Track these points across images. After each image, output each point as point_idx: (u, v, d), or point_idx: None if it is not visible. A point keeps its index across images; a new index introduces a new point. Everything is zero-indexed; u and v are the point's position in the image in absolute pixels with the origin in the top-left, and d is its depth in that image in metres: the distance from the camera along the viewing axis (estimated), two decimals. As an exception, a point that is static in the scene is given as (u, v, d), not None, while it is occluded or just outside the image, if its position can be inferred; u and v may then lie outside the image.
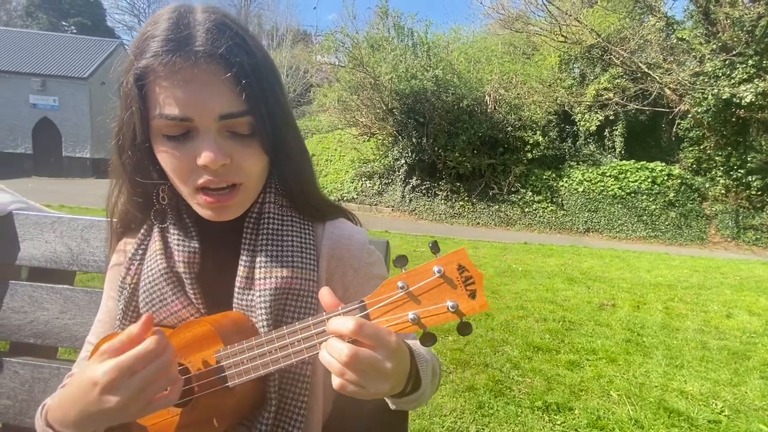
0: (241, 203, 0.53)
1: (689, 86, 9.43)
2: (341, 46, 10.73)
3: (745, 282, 5.18)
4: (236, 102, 0.46)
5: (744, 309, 3.89)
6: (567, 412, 1.94)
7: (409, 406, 0.53)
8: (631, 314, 3.52)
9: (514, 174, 10.50)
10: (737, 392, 2.27)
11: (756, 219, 9.75)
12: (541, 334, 2.90)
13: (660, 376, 2.39)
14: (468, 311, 0.42)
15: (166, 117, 0.45)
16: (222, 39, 0.44)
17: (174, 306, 0.55)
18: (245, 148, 0.49)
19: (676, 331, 3.16)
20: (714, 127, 9.78)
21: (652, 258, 6.74)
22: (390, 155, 11.19)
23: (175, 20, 0.45)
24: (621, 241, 9.58)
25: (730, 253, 8.83)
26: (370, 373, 0.40)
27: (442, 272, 0.42)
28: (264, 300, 0.52)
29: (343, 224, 0.63)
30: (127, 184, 0.55)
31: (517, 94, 10.60)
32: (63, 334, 0.88)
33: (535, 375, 2.27)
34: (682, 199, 10.12)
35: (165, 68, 0.43)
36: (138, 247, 0.59)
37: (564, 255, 6.47)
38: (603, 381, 2.27)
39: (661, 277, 5.18)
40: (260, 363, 0.46)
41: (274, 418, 0.52)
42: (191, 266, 0.55)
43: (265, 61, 0.49)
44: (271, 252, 0.54)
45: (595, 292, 4.19)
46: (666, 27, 9.85)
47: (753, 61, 8.89)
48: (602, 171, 10.58)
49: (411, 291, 0.42)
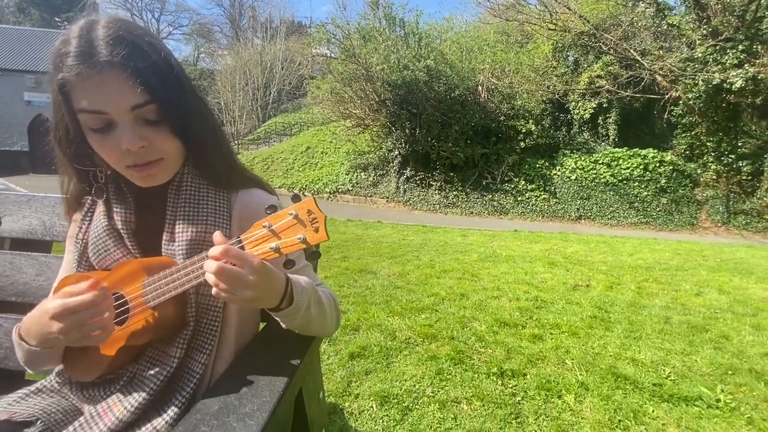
0: (163, 172, 0.68)
1: (680, 72, 9.46)
2: (333, 38, 10.78)
3: (724, 264, 5.32)
4: (140, 95, 0.60)
5: (715, 288, 4.03)
6: (520, 378, 2.09)
7: (290, 320, 0.68)
8: (603, 294, 3.67)
9: (507, 163, 10.60)
10: (687, 360, 2.42)
11: (746, 204, 9.84)
12: (510, 311, 3.06)
13: (616, 347, 2.55)
14: (313, 241, 0.57)
15: (86, 111, 0.60)
16: (118, 48, 0.58)
17: (116, 255, 0.70)
18: (158, 132, 0.64)
19: (642, 308, 3.31)
20: (705, 113, 9.83)
21: (638, 243, 6.87)
22: (384, 146, 11.31)
23: (80, 37, 0.58)
24: (613, 228, 9.70)
25: (720, 238, 8.95)
26: (236, 283, 0.55)
27: (295, 215, 0.58)
28: (181, 248, 0.68)
29: (254, 192, 0.78)
30: (69, 171, 0.70)
31: (509, 82, 10.65)
32: (39, 293, 1.03)
33: (497, 347, 2.43)
34: (674, 185, 10.21)
35: (78, 77, 0.58)
36: (87, 212, 0.74)
37: (551, 241, 6.61)
38: (560, 351, 2.43)
39: (641, 260, 5.32)
40: (171, 286, 0.62)
41: (191, 337, 0.68)
42: (128, 224, 0.71)
43: (161, 60, 0.63)
44: (188, 212, 0.70)
45: (572, 274, 4.34)
46: (657, 13, 9.84)
47: (743, 46, 8.90)
48: (595, 159, 10.66)
49: (273, 229, 0.58)
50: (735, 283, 4.27)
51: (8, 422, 0.63)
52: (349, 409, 1.75)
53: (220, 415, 0.59)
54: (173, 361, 0.66)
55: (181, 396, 0.66)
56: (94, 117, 0.61)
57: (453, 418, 1.73)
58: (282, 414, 0.68)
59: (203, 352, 0.68)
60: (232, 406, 0.62)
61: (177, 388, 0.66)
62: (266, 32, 20.32)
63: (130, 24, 0.63)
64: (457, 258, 4.84)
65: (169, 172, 0.70)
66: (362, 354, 2.23)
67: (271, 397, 0.65)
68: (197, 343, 0.69)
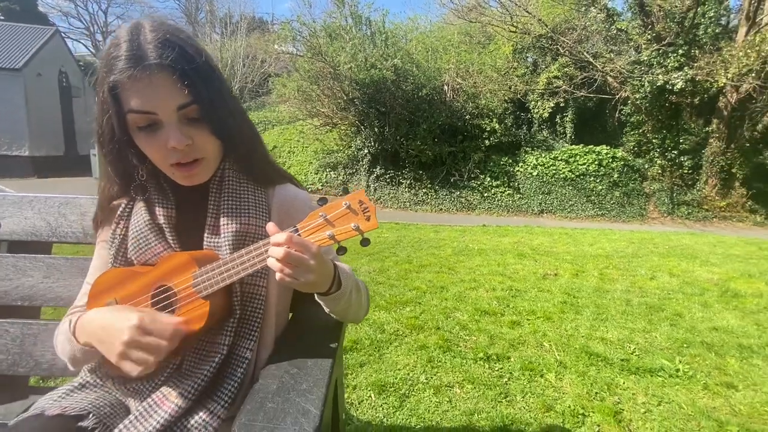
0: (203, 171, 0.72)
1: (628, 74, 10.15)
2: (298, 35, 10.64)
3: (672, 250, 5.81)
4: (185, 95, 0.63)
5: (666, 272, 4.42)
6: (504, 361, 2.23)
7: (335, 304, 0.73)
8: (570, 281, 3.92)
9: (473, 161, 10.93)
10: (648, 337, 2.67)
11: (688, 195, 10.74)
12: (489, 301, 3.22)
13: (587, 328, 2.76)
14: (366, 229, 0.63)
15: (135, 111, 0.63)
16: (167, 51, 0.61)
17: (157, 249, 0.72)
18: (200, 131, 0.67)
19: (605, 293, 3.58)
20: (651, 112, 10.61)
21: (596, 234, 7.34)
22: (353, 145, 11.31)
23: (130, 41, 0.61)
24: (572, 221, 10.26)
25: (666, 227, 9.71)
26: (299, 268, 0.60)
27: (349, 205, 0.63)
28: (228, 239, 0.71)
29: (288, 187, 0.84)
30: (111, 171, 0.72)
31: (473, 83, 10.97)
32: (48, 295, 1.01)
33: (480, 334, 2.57)
34: (625, 179, 10.94)
35: (130, 79, 0.60)
36: (124, 209, 0.76)
37: (518, 234, 6.92)
38: (538, 335, 2.59)
39: (601, 249, 5.70)
40: (225, 275, 0.65)
41: (237, 324, 0.71)
42: (169, 219, 0.74)
43: (203, 62, 0.66)
44: (231, 206, 0.74)
45: (541, 264, 4.59)
46: (607, 18, 10.50)
47: (682, 50, 9.69)
48: (554, 155, 11.22)
49: (328, 218, 0.64)
50: (683, 267, 4.70)
51: (62, 417, 0.64)
52: (349, 400, 1.80)
53: (281, 393, 0.64)
54: (223, 348, 0.70)
55: (233, 380, 0.69)
56: (142, 117, 0.63)
57: (448, 401, 1.83)
58: (330, 391, 0.74)
59: (250, 338, 0.72)
60: (288, 384, 0.66)
61: (227, 374, 0.70)
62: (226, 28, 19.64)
63: (175, 27, 0.66)
64: (433, 253, 4.98)
65: (209, 171, 0.73)
66: (354, 347, 2.28)
67: (322, 375, 0.70)
68: (244, 330, 0.72)
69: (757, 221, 10.33)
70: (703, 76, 9.27)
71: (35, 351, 0.98)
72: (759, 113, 9.91)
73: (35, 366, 0.97)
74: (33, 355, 0.98)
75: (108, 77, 0.61)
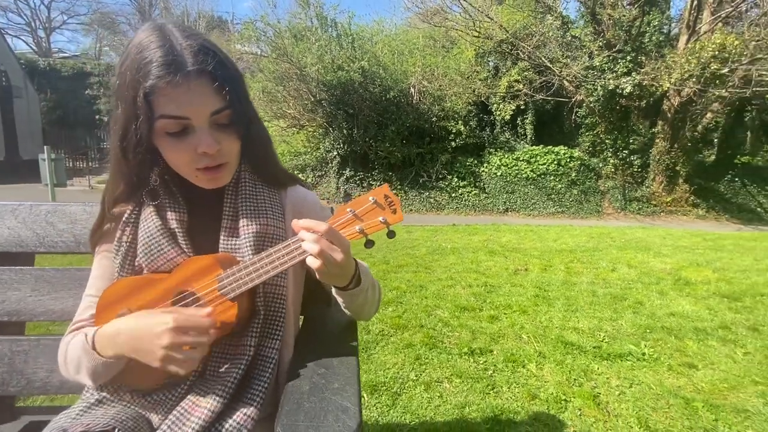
0: (228, 174, 0.72)
1: (582, 79, 10.76)
2: (263, 35, 10.43)
3: (628, 243, 6.23)
4: (219, 101, 0.64)
5: (625, 264, 4.73)
6: (488, 354, 2.31)
7: (353, 299, 0.75)
8: (540, 275, 4.11)
9: (440, 162, 11.16)
10: (615, 324, 2.86)
11: (638, 192, 11.53)
12: (467, 297, 3.31)
13: (560, 319, 2.91)
14: (392, 221, 0.66)
15: (170, 116, 0.61)
16: (207, 59, 0.61)
17: (169, 254, 0.71)
18: (228, 135, 0.67)
19: (573, 285, 3.78)
20: (603, 114, 11.29)
21: (559, 230, 7.71)
22: (322, 147, 11.22)
23: (163, 47, 0.60)
24: (535, 218, 10.72)
25: (620, 222, 10.37)
26: (331, 260, 0.62)
27: (375, 200, 0.66)
28: (249, 240, 0.71)
29: (299, 189, 0.85)
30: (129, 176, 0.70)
31: (439, 85, 11.21)
32: (38, 309, 0.96)
33: (463, 329, 2.64)
34: (582, 178, 11.57)
35: (168, 84, 0.59)
36: (130, 214, 0.73)
37: (486, 232, 7.15)
38: (516, 328, 2.71)
39: (564, 244, 6.01)
40: (254, 275, 0.65)
41: (262, 324, 0.71)
42: (182, 223, 0.72)
43: (235, 70, 0.67)
44: (249, 208, 0.74)
45: (511, 260, 4.77)
46: (562, 25, 11.08)
47: (630, 57, 10.39)
48: (516, 156, 11.68)
49: (356, 213, 0.66)
50: (639, 258, 5.05)
51: (86, 433, 0.61)
52: (342, 401, 1.81)
53: (315, 393, 0.65)
54: (249, 350, 0.70)
55: (261, 381, 0.69)
56: (175, 122, 0.62)
57: (439, 396, 1.87)
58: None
59: (275, 338, 0.72)
60: (320, 384, 0.67)
61: (255, 375, 0.70)
62: (183, 26, 18.86)
63: (202, 33, 0.66)
64: (408, 253, 5.04)
65: (231, 173, 0.73)
66: (342, 349, 2.28)
67: (350, 373, 0.71)
68: (268, 330, 0.72)
69: (699, 214, 11.26)
70: (648, 81, 9.99)
71: (26, 369, 0.92)
72: (699, 115, 10.82)
73: (27, 385, 0.92)
74: (24, 373, 0.92)
75: (144, 82, 0.59)
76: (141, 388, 0.70)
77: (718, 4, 10.17)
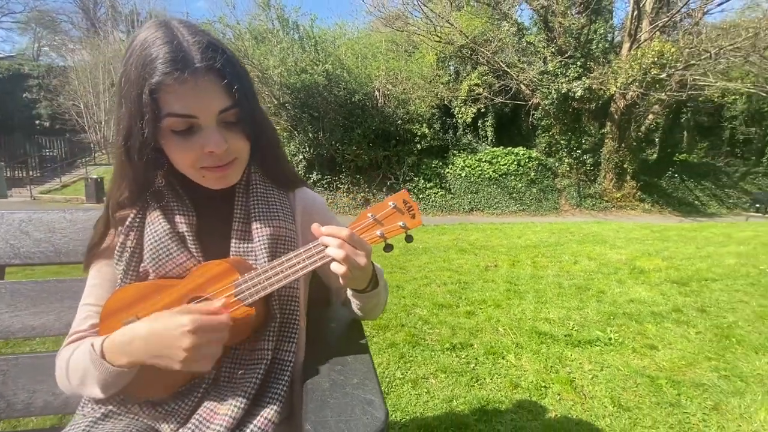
0: (235, 173, 0.70)
1: (538, 83, 11.30)
2: (222, 37, 10.12)
3: (586, 237, 6.60)
4: (227, 99, 0.62)
5: (585, 256, 5.01)
6: (469, 348, 2.38)
7: (368, 301, 0.76)
8: (509, 271, 4.27)
9: (407, 164, 11.32)
10: (582, 313, 3.03)
11: (591, 189, 12.25)
12: (443, 295, 3.38)
13: (532, 311, 3.04)
14: (411, 226, 0.67)
15: (177, 114, 0.59)
16: (216, 56, 0.60)
17: (179, 259, 0.68)
18: (235, 134, 0.66)
19: (540, 279, 3.96)
20: (557, 117, 11.92)
21: (522, 227, 8.04)
22: (287, 151, 11.03)
23: (170, 44, 0.58)
24: (498, 216, 11.11)
25: (577, 218, 10.97)
26: (355, 265, 0.62)
27: (395, 205, 0.67)
28: (263, 243, 0.70)
29: (306, 191, 0.84)
30: (134, 178, 0.67)
31: (403, 89, 11.38)
32: (15, 326, 0.89)
33: (442, 326, 2.70)
34: (540, 177, 12.14)
35: (175, 81, 0.57)
36: (134, 218, 0.70)
37: (455, 231, 7.32)
38: (492, 321, 2.80)
39: (528, 240, 6.27)
40: (273, 280, 0.65)
41: (278, 327, 0.71)
42: (191, 226, 0.70)
43: (242, 68, 0.66)
44: (262, 210, 0.73)
45: (481, 257, 4.92)
46: (518, 32, 11.59)
47: (580, 62, 11.06)
48: (479, 157, 12.06)
49: (377, 218, 0.67)
50: (597, 251, 5.37)
51: (95, 449, 0.58)
52: (331, 405, 1.80)
53: (337, 389, 0.65)
54: (267, 354, 0.69)
55: (280, 385, 0.68)
56: (182, 120, 0.61)
57: (426, 392, 1.91)
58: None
59: (290, 341, 0.72)
60: (339, 381, 0.68)
61: (273, 378, 0.69)
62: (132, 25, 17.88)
63: (207, 31, 0.65)
64: (381, 254, 5.06)
65: (240, 172, 0.71)
66: (325, 353, 2.26)
67: (367, 368, 0.72)
68: (284, 333, 0.72)
69: (645, 208, 12.13)
70: (597, 85, 10.68)
71: (6, 391, 0.85)
72: (642, 116, 11.67)
73: (7, 408, 0.85)
74: (4, 396, 0.85)
75: (150, 79, 0.57)
76: (151, 399, 0.68)
77: (655, 14, 11.05)
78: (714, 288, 3.70)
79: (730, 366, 2.21)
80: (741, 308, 3.17)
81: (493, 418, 1.71)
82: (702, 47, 9.65)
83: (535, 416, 1.74)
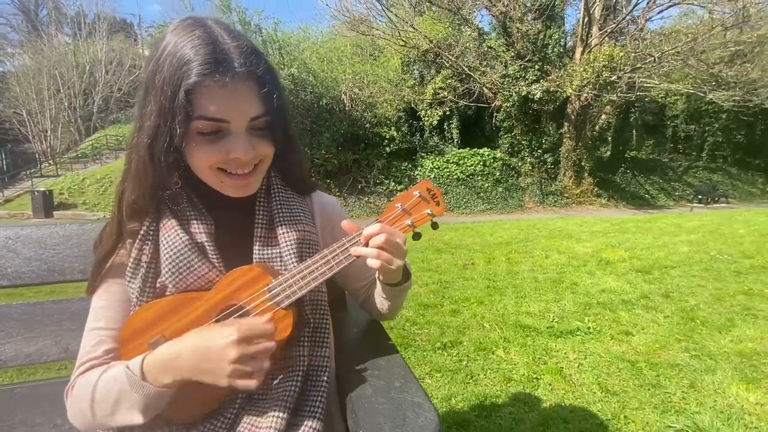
0: (257, 181, 0.68)
1: (500, 86, 11.71)
2: (181, 41, 9.74)
3: (553, 233, 6.89)
4: (261, 106, 0.61)
5: (555, 250, 5.24)
6: (459, 346, 2.42)
7: (398, 295, 0.76)
8: (486, 268, 4.38)
9: (377, 167, 11.36)
10: (560, 305, 3.15)
11: (553, 186, 12.81)
12: (426, 295, 3.42)
13: (513, 306, 3.13)
14: (437, 213, 0.69)
15: (209, 118, 0.57)
16: (257, 63, 0.58)
17: (201, 270, 0.65)
18: (262, 140, 0.64)
19: (516, 274, 4.09)
20: (519, 118, 12.40)
21: (492, 225, 8.28)
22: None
23: (209, 45, 0.56)
24: (468, 216, 11.38)
25: (541, 214, 11.43)
26: (396, 252, 0.64)
27: (420, 194, 0.68)
28: (290, 248, 0.68)
29: (322, 194, 0.83)
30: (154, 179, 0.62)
31: (369, 93, 11.42)
32: (8, 354, 0.81)
33: (430, 326, 2.73)
34: (505, 176, 12.56)
35: (214, 84, 0.55)
36: (148, 230, 0.66)
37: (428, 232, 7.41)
38: (478, 318, 2.86)
39: (500, 237, 6.47)
40: (310, 279, 0.63)
41: (312, 331, 0.69)
42: (210, 236, 0.67)
43: (277, 75, 0.64)
44: (286, 214, 0.71)
45: (458, 256, 5.02)
46: (479, 36, 11.97)
47: (538, 66, 11.56)
48: (446, 159, 12.31)
49: (405, 208, 0.67)
50: (565, 245, 5.62)
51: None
52: (331, 413, 1.76)
53: (381, 394, 0.65)
54: (303, 360, 0.67)
55: (319, 392, 0.67)
56: (211, 124, 0.58)
57: (424, 393, 1.91)
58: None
59: (324, 346, 0.70)
60: (381, 385, 0.67)
61: (311, 386, 0.67)
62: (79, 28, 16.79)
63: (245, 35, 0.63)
64: (359, 258, 5.05)
65: (260, 180, 0.69)
66: (317, 361, 2.22)
67: (404, 370, 0.72)
68: (317, 338, 0.70)
69: (603, 203, 12.84)
70: (554, 87, 11.21)
71: (1, 426, 0.78)
72: (596, 116, 12.36)
73: (3, 445, 0.77)
74: (-2, 432, 0.77)
75: (187, 79, 0.54)
76: (188, 420, 0.64)
77: (604, 21, 11.76)
78: (674, 274, 3.97)
79: (699, 346, 2.38)
80: (700, 292, 3.42)
81: (492, 413, 1.74)
82: (647, 51, 10.39)
83: (531, 407, 1.79)
